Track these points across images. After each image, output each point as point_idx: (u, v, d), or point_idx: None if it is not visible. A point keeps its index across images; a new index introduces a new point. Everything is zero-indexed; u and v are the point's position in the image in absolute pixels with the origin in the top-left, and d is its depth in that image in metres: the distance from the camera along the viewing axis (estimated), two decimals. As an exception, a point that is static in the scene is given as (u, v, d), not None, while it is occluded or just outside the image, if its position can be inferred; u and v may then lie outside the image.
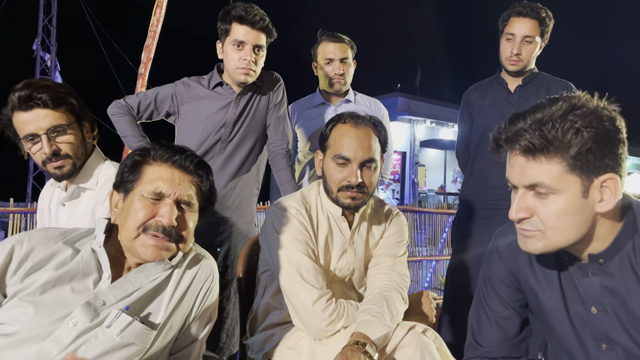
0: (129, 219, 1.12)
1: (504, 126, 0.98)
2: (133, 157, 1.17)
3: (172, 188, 1.13)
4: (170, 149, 1.17)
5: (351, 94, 2.54)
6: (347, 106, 2.50)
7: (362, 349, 1.22)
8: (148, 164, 1.16)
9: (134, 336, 1.06)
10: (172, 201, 1.13)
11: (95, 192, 1.54)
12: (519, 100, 2.30)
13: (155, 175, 1.14)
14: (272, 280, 1.52)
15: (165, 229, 1.11)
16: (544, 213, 0.97)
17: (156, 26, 3.99)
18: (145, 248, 1.11)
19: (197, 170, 1.18)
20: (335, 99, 2.53)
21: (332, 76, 2.44)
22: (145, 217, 1.11)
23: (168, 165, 1.15)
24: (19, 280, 1.05)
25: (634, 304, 0.99)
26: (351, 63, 2.47)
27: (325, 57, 2.43)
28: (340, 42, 2.42)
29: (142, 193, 1.12)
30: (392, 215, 1.62)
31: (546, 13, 2.25)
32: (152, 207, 1.12)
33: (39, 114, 1.41)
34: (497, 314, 1.18)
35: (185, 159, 1.16)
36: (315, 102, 2.55)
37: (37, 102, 1.40)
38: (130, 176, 1.15)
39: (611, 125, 0.93)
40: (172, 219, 1.11)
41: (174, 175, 1.14)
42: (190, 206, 1.16)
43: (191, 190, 1.16)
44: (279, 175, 2.15)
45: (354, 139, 1.44)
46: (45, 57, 14.63)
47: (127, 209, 1.13)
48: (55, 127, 1.44)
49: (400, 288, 1.48)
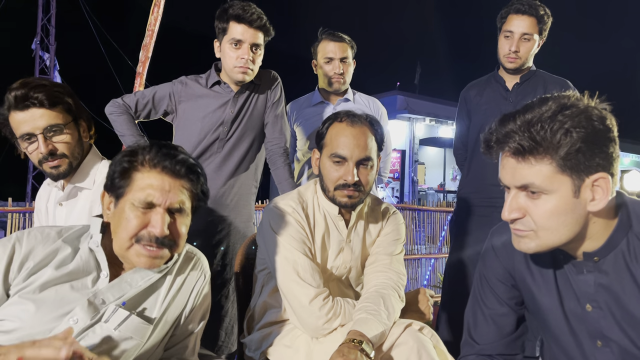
0: (121, 229, 1.10)
1: (494, 127, 0.99)
2: (122, 164, 1.13)
3: (162, 197, 1.10)
4: (160, 153, 1.12)
5: (350, 93, 2.55)
6: (346, 105, 2.50)
7: (358, 346, 1.22)
8: (137, 171, 1.12)
9: (132, 330, 1.07)
10: (163, 210, 1.10)
11: (93, 191, 1.54)
12: (516, 98, 2.30)
13: (145, 183, 1.10)
14: (270, 278, 1.53)
15: (158, 239, 1.09)
16: (536, 213, 0.97)
17: (154, 25, 3.99)
18: (138, 257, 1.10)
19: (188, 174, 1.14)
20: (334, 98, 2.53)
21: (331, 75, 2.44)
22: (137, 228, 1.09)
23: (157, 171, 1.11)
24: (21, 280, 1.06)
25: (629, 301, 0.99)
26: (351, 62, 2.48)
27: (325, 56, 2.43)
28: (340, 42, 2.42)
29: (132, 201, 1.09)
30: (388, 213, 1.63)
31: (544, 11, 2.25)
32: (143, 217, 1.09)
33: (35, 114, 1.41)
34: (493, 311, 1.19)
35: (175, 164, 1.12)
36: (314, 101, 2.55)
37: (33, 101, 1.40)
38: (121, 182, 1.12)
39: (601, 125, 0.93)
40: (164, 228, 1.09)
41: (164, 183, 1.11)
42: (182, 212, 1.14)
43: (182, 196, 1.13)
44: (277, 174, 2.15)
45: (350, 138, 1.44)
46: (44, 56, 14.60)
47: (119, 216, 1.11)
48: (51, 127, 1.44)
49: (397, 286, 1.48)
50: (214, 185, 2.00)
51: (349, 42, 2.45)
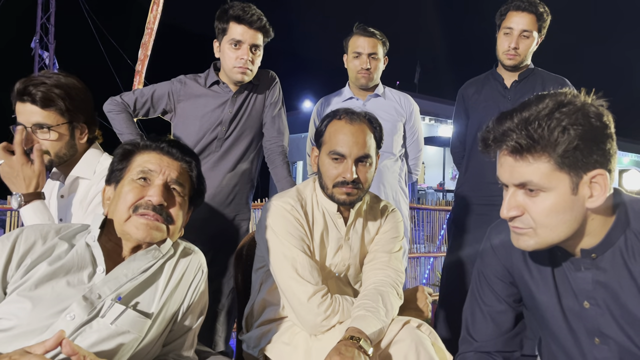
0: (120, 203, 1.15)
1: (492, 125, 0.99)
2: (123, 147, 1.23)
3: (160, 168, 1.18)
4: (158, 139, 1.23)
5: (380, 88, 2.52)
6: (376, 101, 2.49)
7: (356, 343, 1.22)
8: (137, 154, 1.21)
9: (129, 324, 1.07)
10: (161, 182, 1.16)
11: (91, 181, 1.56)
12: (515, 96, 2.31)
13: (143, 160, 1.19)
14: (268, 276, 1.53)
15: (156, 207, 1.14)
16: (535, 211, 0.97)
17: (153, 23, 3.98)
18: (136, 228, 1.13)
19: (184, 156, 1.23)
20: (364, 94, 2.51)
21: (358, 70, 2.41)
22: (135, 198, 1.14)
23: (156, 152, 1.21)
24: (19, 277, 1.07)
25: (626, 298, 0.99)
26: (380, 58, 2.44)
27: (354, 50, 2.41)
28: (371, 37, 2.39)
29: (131, 177, 1.17)
30: (387, 211, 1.63)
31: (544, 8, 2.25)
32: (141, 189, 1.16)
33: (28, 109, 1.46)
34: (491, 308, 1.19)
35: (172, 146, 1.22)
36: (345, 97, 2.52)
37: (28, 97, 1.44)
38: (120, 165, 1.21)
39: (598, 122, 0.93)
40: (161, 197, 1.15)
41: (162, 160, 1.20)
42: (180, 187, 1.20)
43: (180, 177, 1.21)
44: (276, 172, 2.16)
45: (348, 135, 1.44)
46: (43, 55, 14.60)
47: (118, 194, 1.17)
48: (40, 125, 1.47)
49: (395, 283, 1.48)
50: (212, 184, 2.01)
51: (380, 38, 2.41)
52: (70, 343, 0.89)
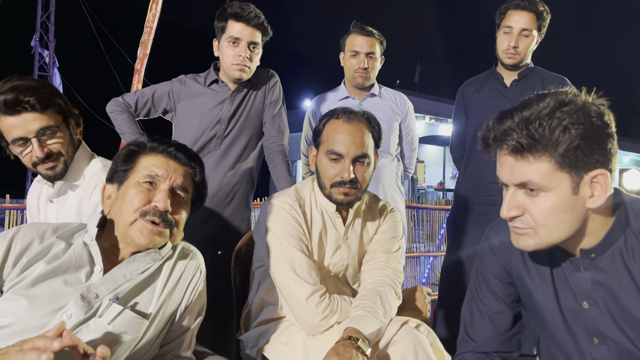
0: (125, 205, 1.14)
1: (492, 125, 0.98)
2: (128, 147, 1.22)
3: (167, 173, 1.17)
4: (165, 142, 1.22)
5: (376, 88, 2.51)
6: (372, 100, 2.48)
7: (354, 344, 1.22)
8: (142, 155, 1.20)
9: (126, 325, 1.07)
10: (167, 187, 1.16)
11: (82, 188, 1.54)
12: (515, 95, 2.30)
13: (150, 163, 1.18)
14: (266, 275, 1.52)
15: (162, 214, 1.14)
16: (535, 211, 0.96)
17: (152, 22, 3.98)
18: (140, 233, 1.13)
19: (190, 162, 1.23)
20: (360, 93, 2.49)
21: (355, 69, 2.40)
22: (141, 202, 1.14)
23: (163, 155, 1.20)
24: (15, 275, 1.06)
25: (626, 298, 0.99)
26: (378, 58, 2.43)
27: (352, 49, 2.39)
28: (369, 36, 2.37)
29: (137, 180, 1.16)
30: (386, 211, 1.62)
31: (543, 7, 2.25)
32: (147, 193, 1.15)
33: (28, 118, 1.39)
34: (489, 308, 1.18)
35: (179, 150, 1.22)
36: (340, 96, 2.51)
37: (25, 105, 1.37)
38: (124, 165, 1.19)
39: (599, 121, 0.92)
40: (167, 204, 1.14)
41: (168, 164, 1.19)
42: (184, 193, 1.20)
43: (185, 181, 1.21)
44: (275, 171, 2.16)
45: (346, 135, 1.44)
46: (43, 53, 14.56)
47: (122, 196, 1.16)
48: (44, 130, 1.42)
49: (394, 283, 1.48)
50: (212, 182, 2.01)
51: (378, 37, 2.40)
52: (71, 334, 0.88)
